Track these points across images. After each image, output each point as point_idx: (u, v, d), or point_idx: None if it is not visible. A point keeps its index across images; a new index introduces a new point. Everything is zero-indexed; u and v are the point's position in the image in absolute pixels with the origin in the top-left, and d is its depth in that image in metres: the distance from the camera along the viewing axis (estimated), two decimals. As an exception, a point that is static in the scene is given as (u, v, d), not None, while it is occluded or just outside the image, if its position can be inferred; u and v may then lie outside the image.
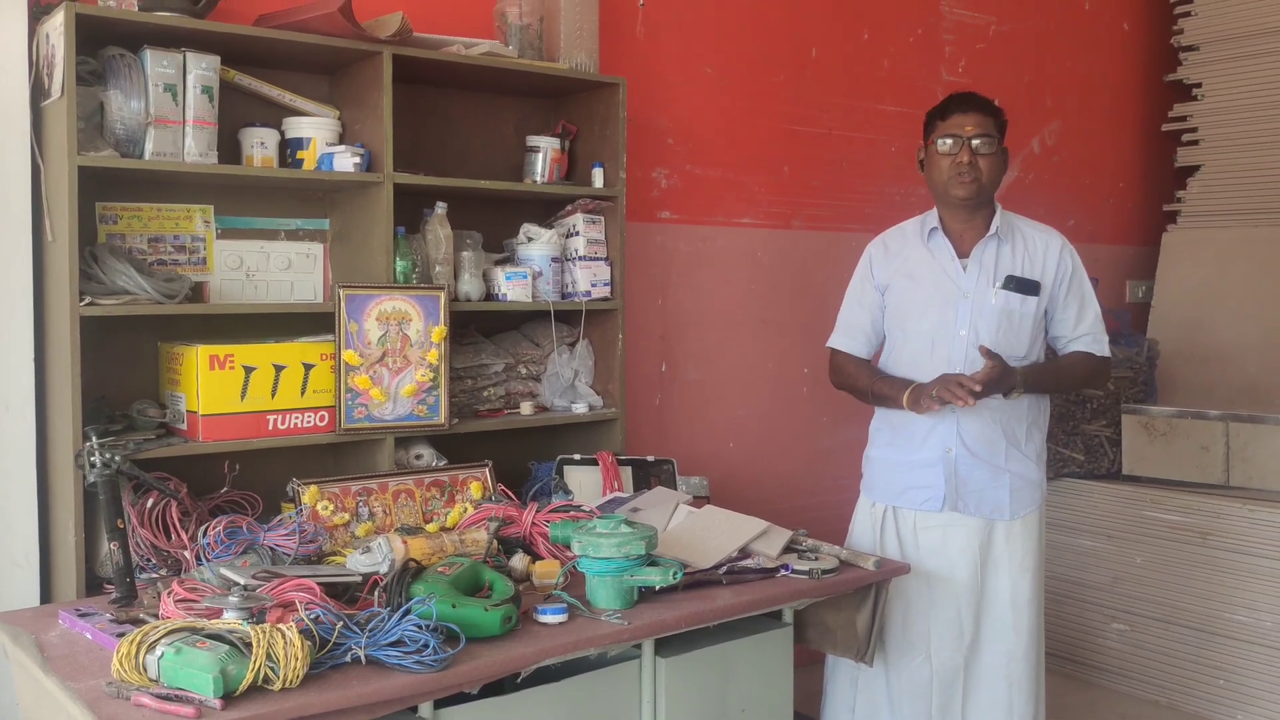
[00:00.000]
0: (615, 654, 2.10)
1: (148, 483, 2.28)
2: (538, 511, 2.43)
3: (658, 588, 2.12)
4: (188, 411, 2.44)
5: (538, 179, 3.02)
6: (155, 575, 2.23)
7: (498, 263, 2.96)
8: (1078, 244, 2.84)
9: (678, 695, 2.17)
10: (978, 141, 2.61)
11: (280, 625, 1.71)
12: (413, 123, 2.92)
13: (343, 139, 2.74)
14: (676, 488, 2.92)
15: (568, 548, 2.24)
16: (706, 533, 2.43)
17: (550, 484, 2.82)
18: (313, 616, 1.78)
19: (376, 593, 1.97)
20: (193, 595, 1.90)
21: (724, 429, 3.70)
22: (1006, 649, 2.69)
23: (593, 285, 3.01)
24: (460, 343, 2.89)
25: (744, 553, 2.39)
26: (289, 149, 2.70)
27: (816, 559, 2.40)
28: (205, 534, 2.19)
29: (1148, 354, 4.31)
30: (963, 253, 2.71)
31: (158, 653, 1.64)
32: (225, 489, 2.47)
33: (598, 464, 2.91)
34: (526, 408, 2.95)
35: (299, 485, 2.43)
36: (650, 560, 2.13)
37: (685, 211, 3.58)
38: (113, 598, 2.09)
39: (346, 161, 2.62)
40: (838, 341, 2.86)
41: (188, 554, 2.24)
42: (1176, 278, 4.64)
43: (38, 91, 2.40)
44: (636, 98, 3.34)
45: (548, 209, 3.12)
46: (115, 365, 2.53)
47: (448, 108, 3.03)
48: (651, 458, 3.00)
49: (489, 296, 2.89)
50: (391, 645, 1.77)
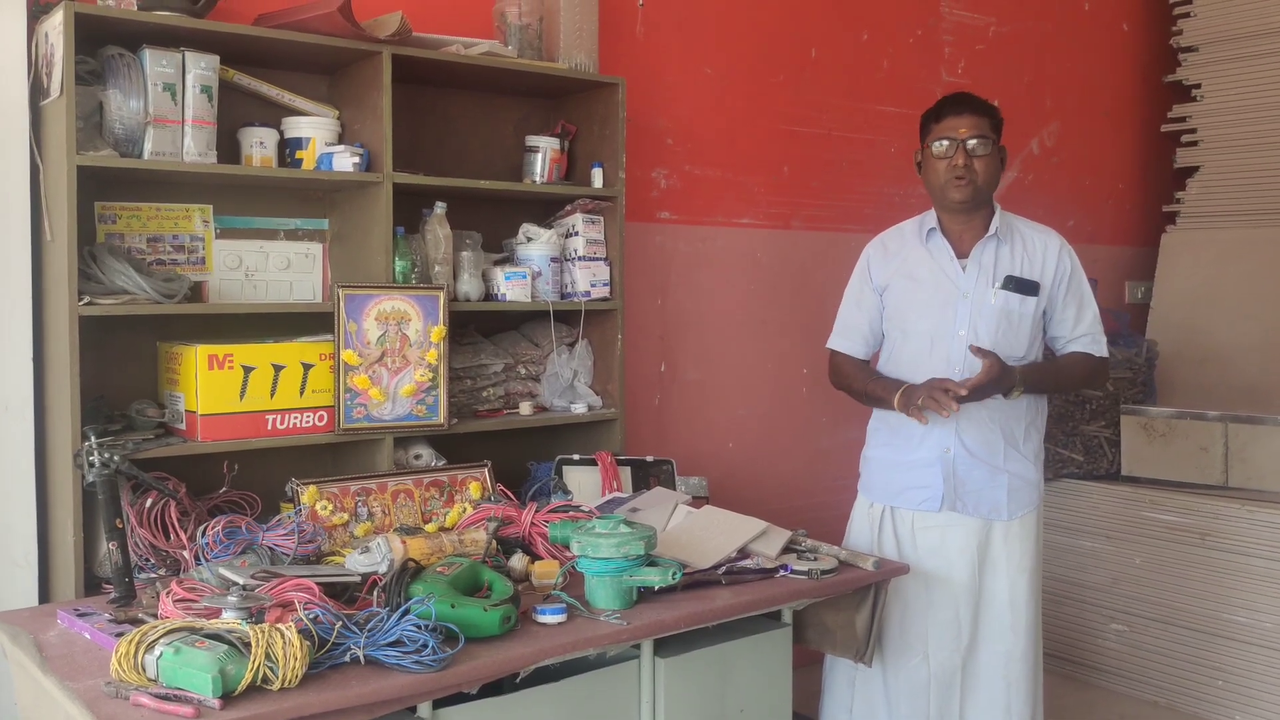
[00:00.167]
0: (614, 654, 2.10)
1: (146, 482, 2.27)
2: (537, 511, 2.42)
3: (657, 588, 2.12)
4: (186, 411, 2.44)
5: (537, 179, 3.02)
6: (154, 575, 2.22)
7: (497, 263, 2.96)
8: (1077, 245, 2.84)
9: (677, 695, 2.17)
10: (973, 143, 2.61)
11: (279, 625, 1.70)
12: (412, 122, 2.92)
13: (342, 139, 2.74)
14: (675, 488, 2.92)
15: (567, 548, 2.24)
16: (705, 533, 2.43)
17: (549, 484, 2.82)
18: (311, 616, 1.78)
19: (375, 593, 1.97)
20: (191, 595, 1.90)
21: (723, 429, 3.70)
22: (1004, 649, 2.69)
23: (592, 285, 3.01)
24: (459, 343, 2.89)
25: (743, 553, 2.39)
26: (288, 149, 2.70)
27: (815, 559, 2.40)
28: (204, 534, 2.19)
29: (1147, 355, 4.31)
30: (962, 253, 2.71)
31: (156, 652, 1.64)
32: (224, 489, 2.46)
33: (597, 464, 2.90)
34: (525, 408, 2.95)
35: (298, 485, 2.43)
36: (649, 560, 2.13)
37: (685, 212, 3.58)
38: (111, 597, 2.09)
39: (346, 161, 2.62)
40: (836, 343, 2.87)
41: (186, 554, 2.23)
42: (1176, 279, 4.64)
43: (37, 91, 2.40)
44: (636, 98, 3.34)
45: (547, 209, 3.12)
46: (114, 365, 2.53)
47: (447, 108, 3.03)
48: (650, 458, 3.00)
49: (488, 296, 2.89)
50: (390, 645, 1.77)
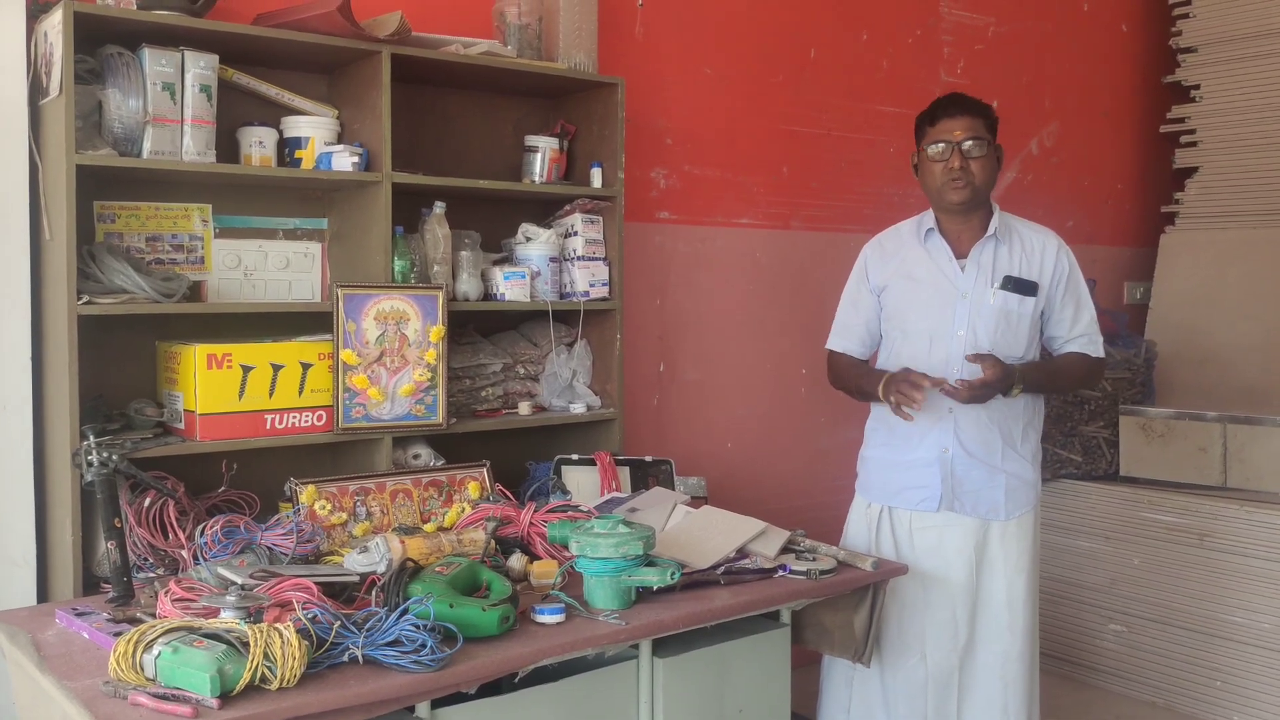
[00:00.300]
0: (613, 654, 2.10)
1: (145, 482, 2.27)
2: (535, 511, 2.42)
3: (655, 588, 2.12)
4: (185, 411, 2.44)
5: (536, 179, 3.02)
6: (152, 574, 2.22)
7: (496, 262, 2.96)
8: (1076, 245, 2.84)
9: (675, 695, 2.17)
10: (968, 144, 2.60)
11: (277, 625, 1.70)
12: (411, 122, 2.92)
13: (341, 138, 2.74)
14: (674, 488, 2.92)
15: (565, 548, 2.24)
16: (704, 533, 2.43)
17: (548, 484, 2.82)
18: (310, 616, 1.78)
19: (374, 592, 1.97)
20: (190, 595, 1.90)
21: (722, 429, 3.70)
22: (1002, 649, 2.69)
23: (591, 285, 3.01)
24: (458, 342, 2.89)
25: (742, 553, 2.39)
26: (287, 148, 2.70)
27: (814, 559, 2.40)
28: (203, 533, 2.19)
29: (1145, 355, 4.31)
30: (960, 253, 2.71)
31: (155, 652, 1.64)
32: (223, 488, 2.46)
33: (595, 464, 2.90)
34: (524, 408, 2.95)
35: (296, 485, 2.43)
36: (648, 560, 2.13)
37: (684, 212, 3.58)
38: (110, 597, 2.09)
39: (345, 161, 2.62)
40: (834, 343, 2.87)
41: (185, 553, 2.23)
42: (1174, 279, 4.64)
43: (36, 90, 2.40)
44: (635, 98, 3.34)
45: (546, 209, 3.12)
46: (113, 364, 2.53)
47: (446, 107, 3.03)
48: (649, 458, 3.00)
49: (487, 296, 2.89)
50: (389, 645, 1.77)
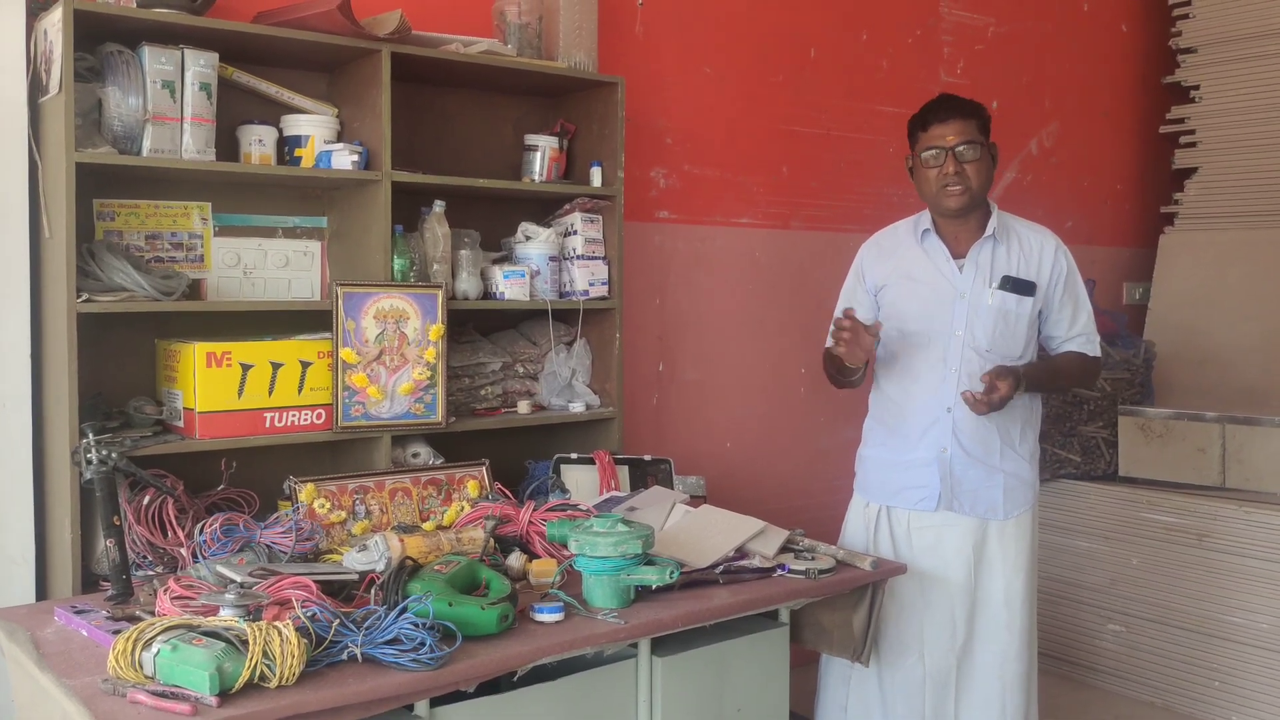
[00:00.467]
0: (611, 653, 2.10)
1: (144, 480, 2.27)
2: (534, 510, 2.43)
3: (654, 587, 2.12)
4: (184, 409, 2.44)
5: (536, 178, 3.03)
6: (151, 572, 2.22)
7: (495, 261, 2.96)
8: (1075, 245, 2.84)
9: (674, 694, 2.18)
10: (962, 148, 2.59)
11: (276, 623, 1.70)
12: (411, 121, 2.92)
13: (341, 137, 2.74)
14: (673, 487, 2.92)
15: (564, 546, 2.24)
16: (703, 532, 2.43)
17: (547, 483, 2.82)
18: (309, 614, 1.78)
19: (373, 591, 1.97)
20: (189, 592, 1.90)
21: (721, 429, 3.70)
22: (1000, 649, 2.69)
23: (590, 284, 3.01)
24: (458, 341, 2.89)
25: (741, 552, 2.39)
26: (287, 146, 2.70)
27: (813, 559, 2.40)
28: (202, 531, 2.19)
29: (1144, 356, 4.32)
30: (958, 253, 2.71)
31: (154, 650, 1.64)
32: (222, 486, 2.46)
33: (595, 463, 2.90)
34: (524, 406, 2.95)
35: (296, 483, 2.43)
36: (647, 559, 2.13)
37: (683, 211, 3.58)
38: (109, 595, 2.09)
39: (344, 159, 2.62)
40: (831, 343, 2.86)
41: (184, 551, 2.23)
42: (1174, 280, 4.65)
43: (35, 88, 2.40)
44: (635, 97, 3.34)
45: (546, 208, 3.12)
46: (112, 362, 2.53)
47: (446, 106, 3.03)
48: (648, 457, 2.99)
49: (487, 295, 2.89)
50: (388, 643, 1.77)
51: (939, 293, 2.69)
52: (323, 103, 2.77)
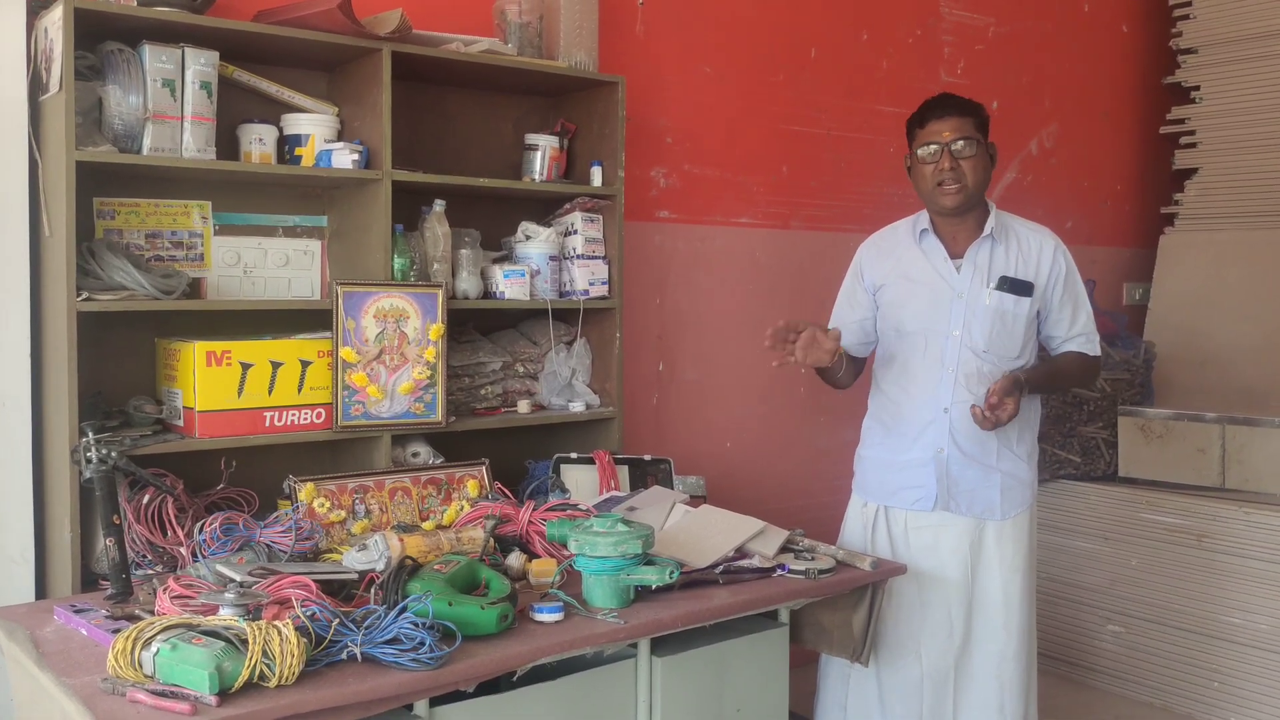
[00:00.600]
0: (611, 653, 2.10)
1: (144, 479, 2.27)
2: (534, 510, 2.43)
3: (654, 587, 2.12)
4: (184, 408, 2.44)
5: (536, 177, 3.02)
6: (151, 571, 2.22)
7: (496, 261, 2.96)
8: (1075, 246, 2.84)
9: (673, 694, 2.18)
10: (959, 145, 2.59)
11: (276, 622, 1.70)
12: (411, 120, 2.92)
13: (341, 136, 2.74)
14: (673, 487, 2.92)
15: (564, 546, 2.24)
16: (703, 532, 2.43)
17: (547, 482, 2.82)
18: (309, 614, 1.78)
19: (373, 590, 1.97)
20: (188, 592, 1.90)
21: (721, 429, 3.70)
22: (998, 649, 2.69)
23: (590, 284, 3.01)
24: (458, 341, 2.89)
25: (740, 552, 2.39)
26: (287, 145, 2.69)
27: (813, 559, 2.40)
28: (201, 530, 2.19)
29: (1144, 356, 4.32)
30: (956, 253, 2.70)
31: (153, 649, 1.64)
32: (222, 485, 2.46)
33: (594, 463, 2.90)
34: (524, 406, 2.95)
35: (295, 482, 2.43)
36: (647, 559, 2.13)
37: (684, 211, 3.58)
38: (108, 594, 2.08)
39: (345, 158, 2.62)
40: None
41: (184, 550, 2.23)
42: (1173, 280, 4.65)
43: (36, 86, 2.40)
44: (635, 97, 3.34)
45: (546, 207, 3.12)
46: (112, 361, 2.53)
47: (446, 105, 3.03)
48: (648, 457, 3.00)
49: (487, 294, 2.89)
50: (387, 643, 1.77)
51: (936, 293, 2.69)
52: (323, 102, 2.76)
